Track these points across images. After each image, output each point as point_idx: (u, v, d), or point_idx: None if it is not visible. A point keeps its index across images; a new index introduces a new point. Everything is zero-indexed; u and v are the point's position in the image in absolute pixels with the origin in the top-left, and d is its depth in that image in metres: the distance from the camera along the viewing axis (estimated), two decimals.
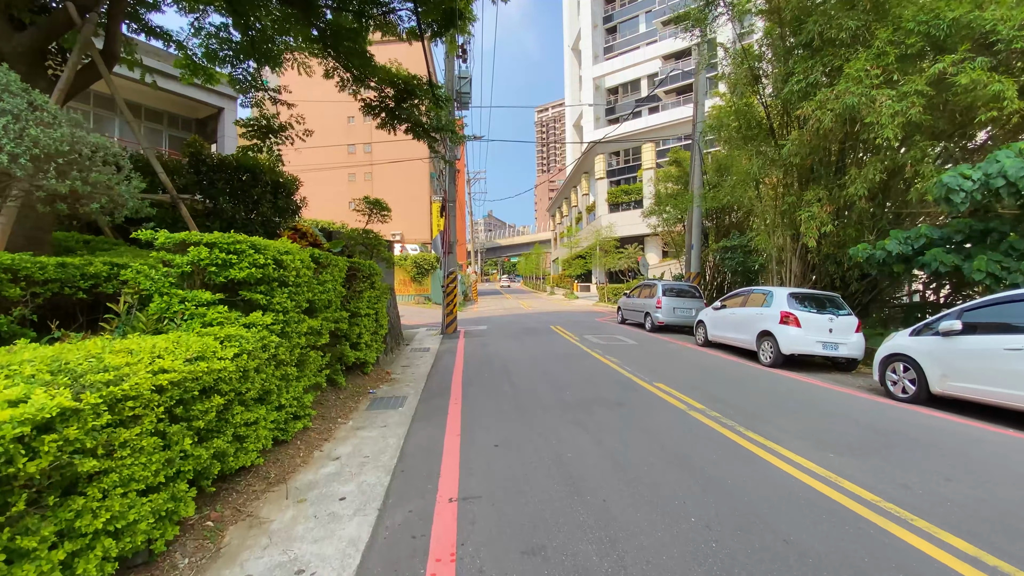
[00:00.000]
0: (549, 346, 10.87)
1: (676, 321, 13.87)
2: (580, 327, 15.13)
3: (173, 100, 15.27)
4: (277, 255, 3.97)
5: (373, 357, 7.61)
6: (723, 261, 15.18)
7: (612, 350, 10.26)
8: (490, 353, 10.01)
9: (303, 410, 4.66)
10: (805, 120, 9.54)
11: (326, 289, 5.07)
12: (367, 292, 7.15)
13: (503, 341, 11.84)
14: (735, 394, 6.42)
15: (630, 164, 45.89)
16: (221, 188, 7.70)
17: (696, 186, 15.70)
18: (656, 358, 9.45)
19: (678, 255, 21.18)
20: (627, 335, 13.11)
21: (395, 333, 11.02)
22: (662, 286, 14.23)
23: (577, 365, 8.51)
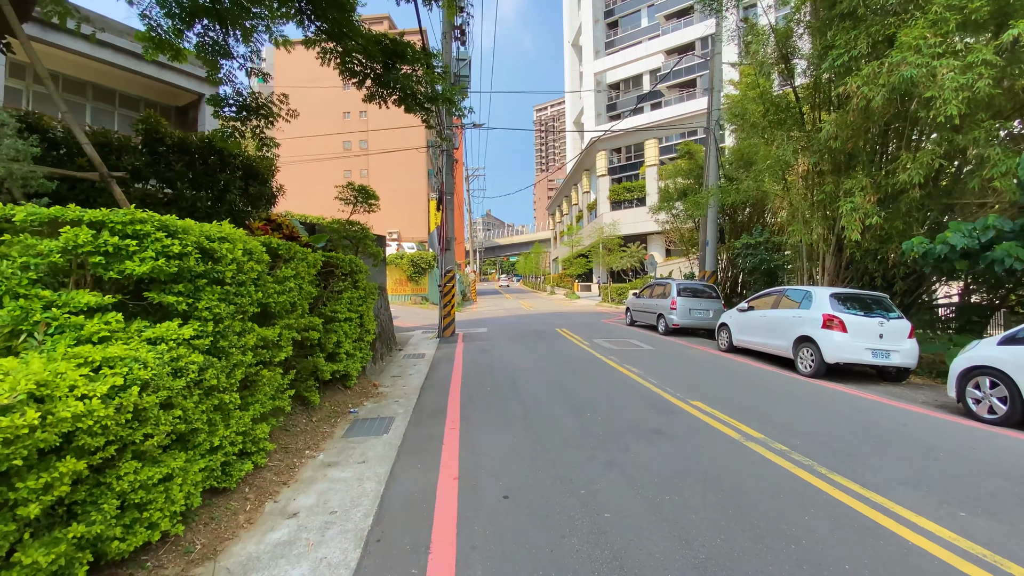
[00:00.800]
0: (558, 352, 9.79)
1: (692, 323, 12.80)
2: (587, 329, 14.05)
3: (149, 86, 14.12)
4: (204, 242, 2.87)
5: (357, 368, 6.52)
6: (742, 259, 14.12)
7: (629, 357, 9.18)
8: (492, 361, 8.92)
9: (254, 445, 3.57)
10: (847, 99, 8.48)
11: (287, 289, 3.97)
12: (348, 293, 6.05)
13: (506, 346, 10.75)
14: (790, 415, 5.34)
15: (632, 161, 44.85)
16: (181, 172, 6.59)
17: (712, 179, 14.63)
18: (680, 367, 8.37)
19: (687, 253, 20.11)
20: (640, 339, 12.03)
21: (386, 338, 9.93)
22: (677, 285, 13.16)
23: (594, 377, 7.42)
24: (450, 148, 12.69)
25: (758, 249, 13.64)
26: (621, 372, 7.71)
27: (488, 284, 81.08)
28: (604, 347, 10.45)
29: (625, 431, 4.62)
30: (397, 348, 10.86)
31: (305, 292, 4.42)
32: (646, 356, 9.37)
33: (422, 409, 5.74)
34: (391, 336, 10.65)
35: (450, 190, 12.75)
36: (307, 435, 4.71)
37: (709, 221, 14.69)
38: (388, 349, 9.95)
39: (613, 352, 9.76)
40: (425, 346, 11.12)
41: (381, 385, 7.15)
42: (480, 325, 16.07)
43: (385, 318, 10.41)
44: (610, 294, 28.16)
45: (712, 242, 14.70)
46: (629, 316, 15.77)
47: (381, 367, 8.57)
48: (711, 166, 14.71)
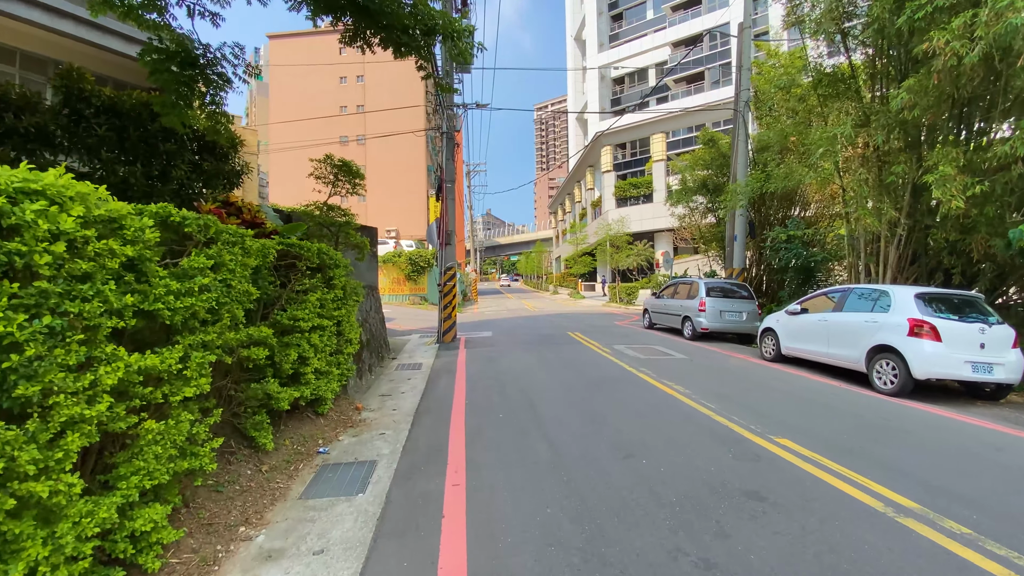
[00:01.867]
0: (578, 362, 8.36)
1: (723, 327, 11.38)
2: (603, 333, 12.62)
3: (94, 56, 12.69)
4: None
5: (334, 388, 5.10)
6: (773, 254, 12.69)
7: (663, 369, 7.75)
8: (502, 373, 7.49)
9: (132, 545, 2.15)
10: (928, 59, 7.06)
11: (198, 288, 2.54)
12: (318, 294, 4.62)
13: (515, 353, 9.33)
14: (919, 460, 3.93)
15: (637, 157, 43.43)
16: (106, 138, 5.17)
17: (741, 167, 13.21)
18: (730, 383, 6.94)
19: (706, 250, 18.67)
20: (666, 345, 10.61)
21: (376, 346, 8.51)
22: (705, 284, 11.73)
23: (632, 397, 5.99)
24: (451, 128, 11.27)
25: (793, 244, 12.21)
26: (663, 391, 6.28)
27: (489, 284, 79.68)
28: (629, 355, 9.02)
29: (706, 494, 3.19)
30: (390, 356, 9.44)
31: (238, 292, 2.98)
32: (683, 368, 7.94)
33: (415, 447, 4.32)
34: (383, 343, 9.22)
35: (451, 177, 11.33)
36: (249, 496, 3.29)
37: (737, 213, 13.27)
38: (379, 359, 8.53)
39: (642, 362, 8.33)
40: (422, 354, 9.70)
41: (365, 408, 5.73)
42: (483, 328, 14.65)
43: (376, 322, 9.00)
44: (618, 294, 26.74)
45: (741, 236, 13.27)
46: (647, 318, 14.35)
47: (368, 382, 7.14)
48: (739, 152, 13.28)
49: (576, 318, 17.93)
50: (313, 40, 46.32)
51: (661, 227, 38.40)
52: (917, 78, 7.21)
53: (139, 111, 5.45)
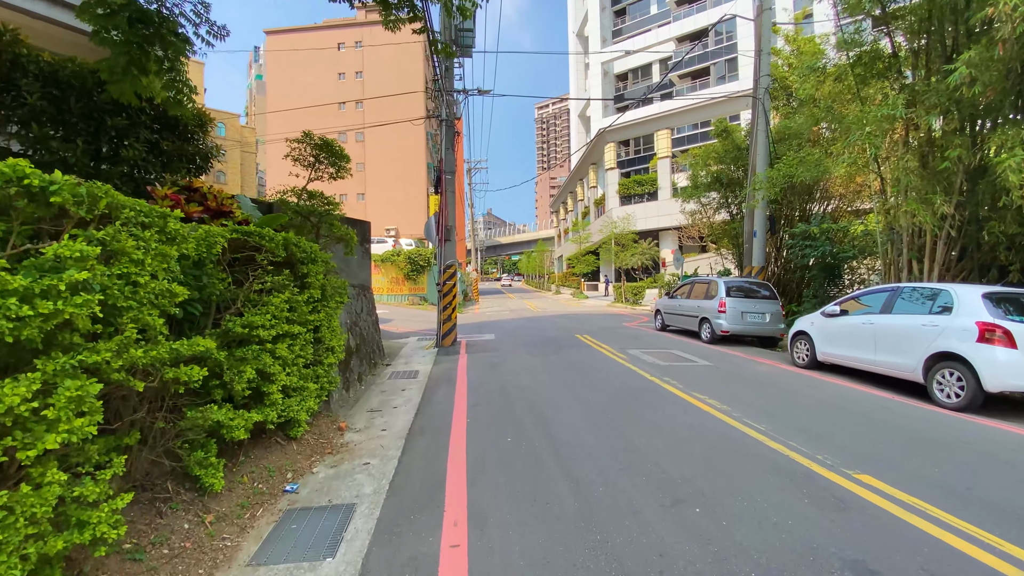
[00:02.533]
0: (591, 370, 7.53)
1: (746, 330, 10.54)
2: (613, 336, 11.80)
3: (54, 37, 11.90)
4: None
5: (310, 407, 4.27)
6: (797, 251, 11.85)
7: (688, 378, 6.92)
8: (507, 383, 6.66)
9: None
10: (990, 26, 6.24)
11: (55, 290, 1.71)
12: (285, 294, 3.78)
13: (521, 359, 8.50)
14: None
15: (641, 154, 42.62)
16: (42, 111, 4.36)
17: (761, 158, 12.36)
18: (768, 395, 6.10)
19: (719, 247, 17.84)
20: (684, 349, 9.78)
21: (368, 351, 7.68)
22: (724, 284, 10.89)
23: (664, 417, 5.15)
24: (451, 115, 10.44)
25: (818, 240, 11.36)
26: (697, 407, 5.44)
27: (490, 283, 78.86)
28: (647, 362, 8.19)
29: (795, 565, 2.36)
30: (384, 362, 8.61)
31: (152, 293, 2.15)
32: (710, 377, 7.10)
33: (405, 484, 3.49)
34: (375, 348, 8.39)
35: (450, 168, 10.50)
36: (180, 563, 2.46)
37: (757, 208, 12.42)
38: (371, 366, 7.70)
39: (663, 370, 7.49)
40: (419, 359, 8.87)
41: (350, 427, 4.90)
42: (485, 330, 13.81)
43: (368, 325, 8.17)
44: (624, 294, 25.89)
45: (761, 232, 12.43)
46: (659, 320, 13.50)
47: (357, 394, 6.31)
48: (759, 143, 12.44)
49: (581, 319, 17.10)
50: (311, 36, 45.54)
51: (666, 225, 37.59)
52: (977, 49, 6.36)
53: (83, 80, 4.62)
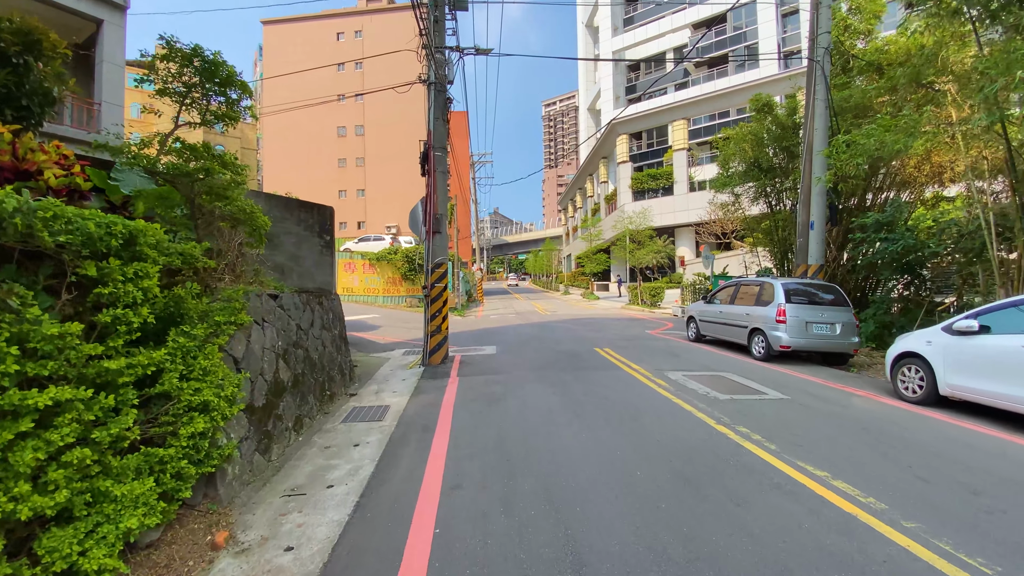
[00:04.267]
0: (626, 409, 5.40)
1: (811, 344, 8.36)
2: (642, 350, 9.66)
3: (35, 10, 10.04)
4: None
5: (119, 536, 2.18)
6: (867, 246, 9.64)
7: (769, 426, 4.79)
8: (509, 440, 4.54)
9: None
10: None
11: None
12: (22, 327, 1.69)
13: (530, 389, 6.39)
14: None
15: (654, 148, 40.27)
16: None
17: (819, 132, 10.14)
18: (915, 465, 3.92)
19: (755, 244, 15.61)
20: (738, 370, 7.64)
21: (318, 382, 5.60)
22: (783, 286, 8.72)
23: (772, 524, 3.02)
24: (441, 77, 8.34)
25: (897, 231, 9.14)
26: (818, 495, 3.28)
27: (496, 283, 76.78)
28: (700, 393, 6.05)
29: None
30: (349, 391, 6.54)
31: None
32: (803, 424, 4.94)
33: None
34: (336, 373, 6.31)
35: (440, 143, 8.41)
36: None
37: (814, 195, 10.20)
38: (322, 400, 5.62)
39: (726, 408, 5.35)
40: (396, 385, 6.80)
41: (233, 541, 2.82)
42: (486, 340, 11.71)
43: (322, 344, 6.10)
44: (640, 295, 23.68)
45: (820, 224, 10.20)
46: (693, 328, 11.33)
47: (283, 454, 4.24)
48: (817, 114, 10.21)
49: (597, 325, 14.94)
50: (309, 26, 43.73)
51: (683, 222, 35.28)
52: None
53: None
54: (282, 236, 6.09)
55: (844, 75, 12.10)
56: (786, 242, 14.00)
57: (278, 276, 5.92)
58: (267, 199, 5.94)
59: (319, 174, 42.21)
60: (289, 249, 6.14)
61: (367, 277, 23.31)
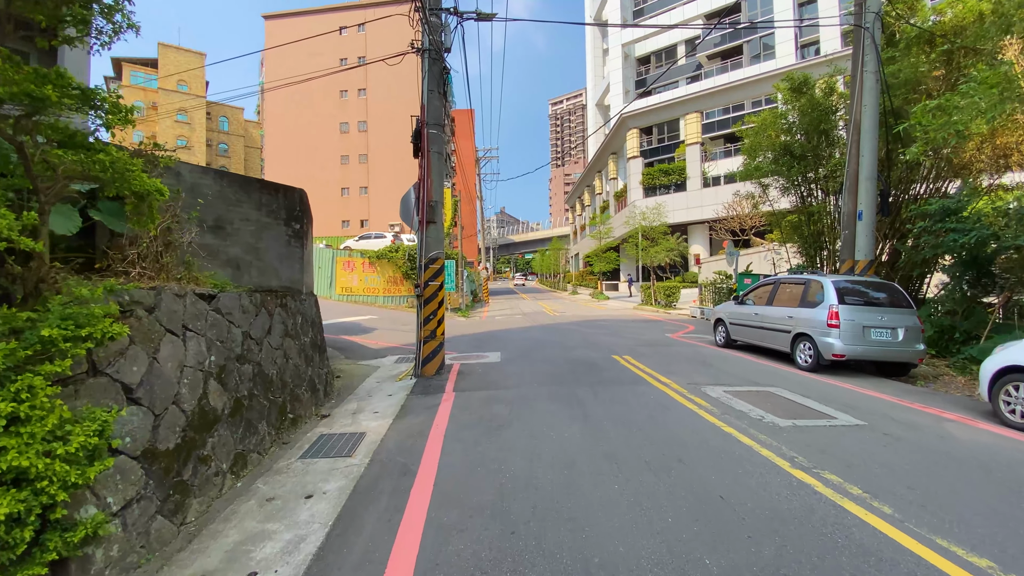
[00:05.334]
0: (669, 444, 4.22)
1: (870, 352, 7.12)
2: (666, 358, 8.46)
3: None
4: None
5: None
6: (932, 238, 8.36)
7: (868, 474, 3.58)
8: (513, 494, 3.38)
9: None
10: None
11: None
12: None
13: (539, 407, 5.23)
14: None
15: (665, 143, 38.88)
16: None
17: (869, 109, 8.87)
18: None
19: (784, 241, 14.30)
20: (787, 385, 6.42)
21: (275, 404, 4.46)
22: (833, 284, 7.48)
23: None
24: (436, 44, 7.19)
25: (967, 221, 7.84)
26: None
27: (502, 283, 75.65)
28: (753, 417, 4.85)
29: None
30: (320, 411, 5.42)
31: None
32: (908, 469, 3.73)
33: None
34: (303, 391, 5.17)
35: (436, 119, 7.27)
36: None
37: (862, 180, 8.94)
38: (281, 428, 4.49)
39: (793, 441, 4.15)
40: (379, 403, 5.66)
41: None
42: (490, 344, 10.55)
43: (288, 354, 4.97)
44: (654, 295, 22.41)
45: (869, 213, 8.93)
46: (721, 332, 10.10)
47: (203, 515, 3.09)
48: (866, 88, 8.94)
49: (611, 327, 13.73)
50: (311, 20, 42.84)
51: (696, 219, 33.92)
52: None
53: None
54: (237, 223, 4.98)
55: (889, 48, 10.81)
56: (819, 237, 12.72)
57: (232, 272, 4.81)
58: (216, 177, 4.82)
59: (321, 171, 41.31)
60: (246, 239, 5.02)
61: (367, 276, 22.26)
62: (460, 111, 61.38)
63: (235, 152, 57.51)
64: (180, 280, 3.74)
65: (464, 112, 63.52)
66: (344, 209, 41.35)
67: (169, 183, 4.06)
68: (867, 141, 8.94)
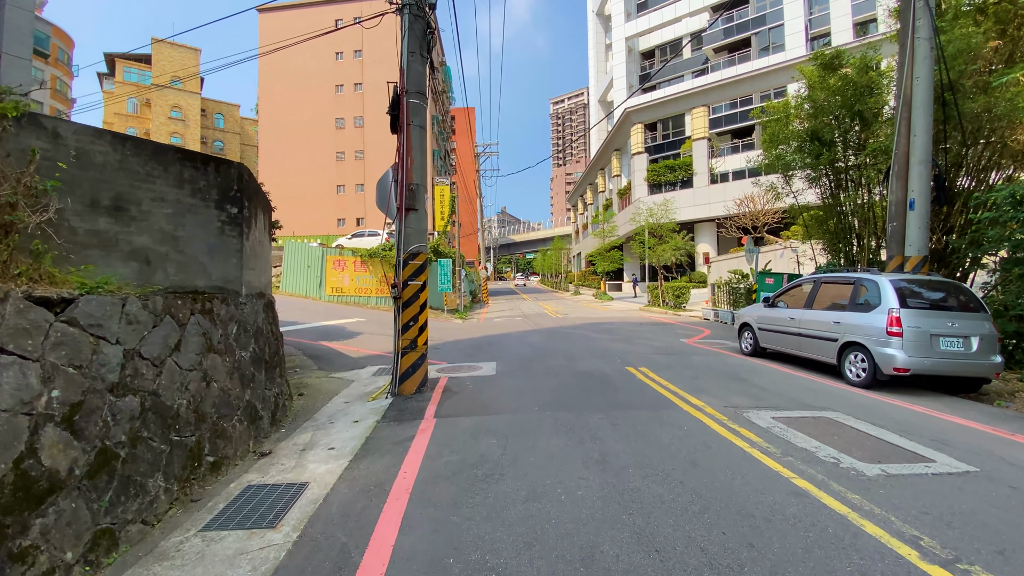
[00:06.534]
0: (731, 514, 3.01)
1: (940, 366, 5.91)
2: (689, 370, 7.26)
3: None
4: None
5: None
6: (995, 230, 7.16)
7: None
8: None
9: None
10: None
11: None
12: None
13: (543, 447, 4.03)
14: None
15: (670, 139, 37.64)
16: None
17: (922, 80, 7.67)
18: None
19: (810, 237, 13.05)
20: (840, 405, 5.23)
21: (179, 451, 3.24)
22: (891, 284, 6.27)
23: None
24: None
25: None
26: None
27: (503, 283, 74.45)
28: (823, 460, 3.65)
29: None
30: (256, 448, 4.24)
31: None
32: None
33: None
34: (231, 424, 3.96)
35: (417, 86, 6.08)
36: None
37: (914, 164, 7.73)
38: (179, 483, 3.29)
39: (896, 502, 2.96)
40: (338, 434, 4.47)
41: None
42: (485, 352, 9.36)
43: (210, 377, 3.79)
44: (662, 296, 21.19)
45: (923, 202, 7.72)
46: (748, 339, 8.90)
47: None
48: (919, 56, 7.72)
49: (620, 331, 12.53)
50: (306, 13, 41.68)
51: (703, 216, 32.70)
52: None
53: None
54: (147, 204, 3.79)
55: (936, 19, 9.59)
56: (849, 232, 11.50)
57: (138, 268, 3.64)
58: (116, 142, 3.64)
59: (316, 169, 40.17)
60: (160, 225, 3.84)
61: (359, 276, 21.08)
62: (459, 109, 60.34)
63: (231, 149, 56.41)
64: (17, 277, 2.56)
65: (464, 110, 62.44)
66: (339, 207, 40.22)
67: (33, 143, 2.91)
68: (920, 118, 7.72)
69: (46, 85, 38.15)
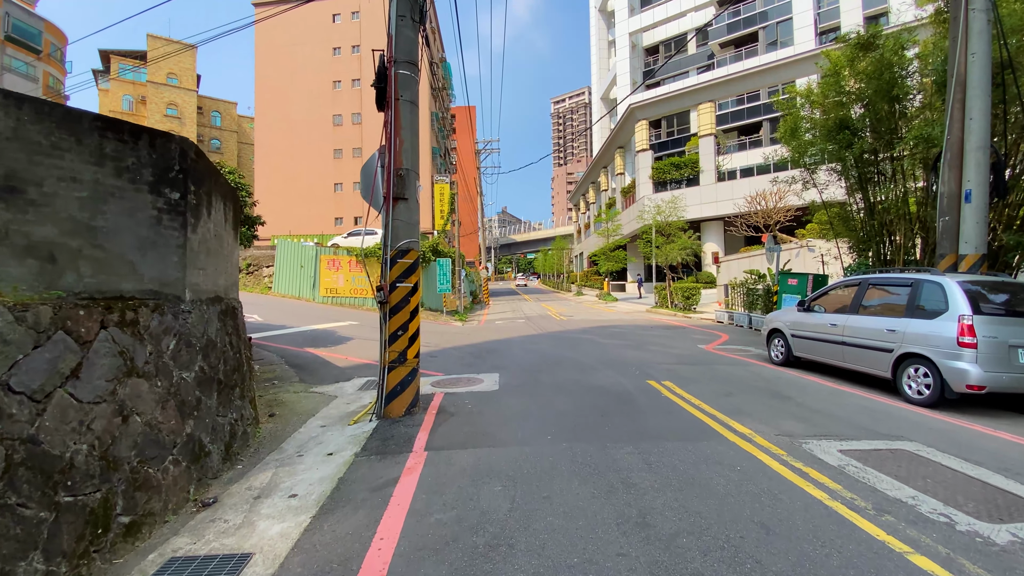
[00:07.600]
0: None
1: (1021, 383, 5.03)
2: (721, 384, 6.38)
3: None
4: None
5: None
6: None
7: None
8: None
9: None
10: None
11: None
12: None
13: (560, 500, 3.17)
14: None
15: (675, 136, 36.70)
16: None
17: (978, 56, 6.79)
18: None
19: (832, 236, 12.15)
20: (912, 432, 4.36)
21: (70, 516, 2.36)
22: (960, 287, 5.39)
23: None
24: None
25: None
26: None
27: (504, 283, 73.54)
28: (927, 517, 2.78)
29: None
30: (199, 493, 3.35)
31: None
32: None
33: None
34: (162, 467, 3.08)
35: (409, 55, 5.21)
36: None
37: (971, 148, 6.85)
38: (69, 562, 2.41)
39: None
40: (307, 469, 3.59)
41: None
42: (486, 361, 8.47)
43: (132, 407, 2.89)
44: (671, 296, 20.29)
45: (980, 194, 6.84)
46: (780, 347, 8.01)
47: None
48: (974, 30, 6.84)
49: (630, 336, 11.64)
50: (303, 7, 40.80)
51: (711, 215, 31.80)
52: None
53: None
54: (52, 184, 2.93)
55: None
56: (880, 229, 10.61)
57: (38, 266, 2.78)
58: (5, 103, 2.77)
59: (313, 167, 39.32)
60: (71, 212, 2.98)
61: (354, 276, 20.21)
62: (460, 108, 59.44)
63: (228, 148, 55.59)
64: None
65: (465, 108, 61.59)
66: (337, 206, 39.38)
67: None
68: (976, 99, 6.84)
69: (38, 81, 37.30)
